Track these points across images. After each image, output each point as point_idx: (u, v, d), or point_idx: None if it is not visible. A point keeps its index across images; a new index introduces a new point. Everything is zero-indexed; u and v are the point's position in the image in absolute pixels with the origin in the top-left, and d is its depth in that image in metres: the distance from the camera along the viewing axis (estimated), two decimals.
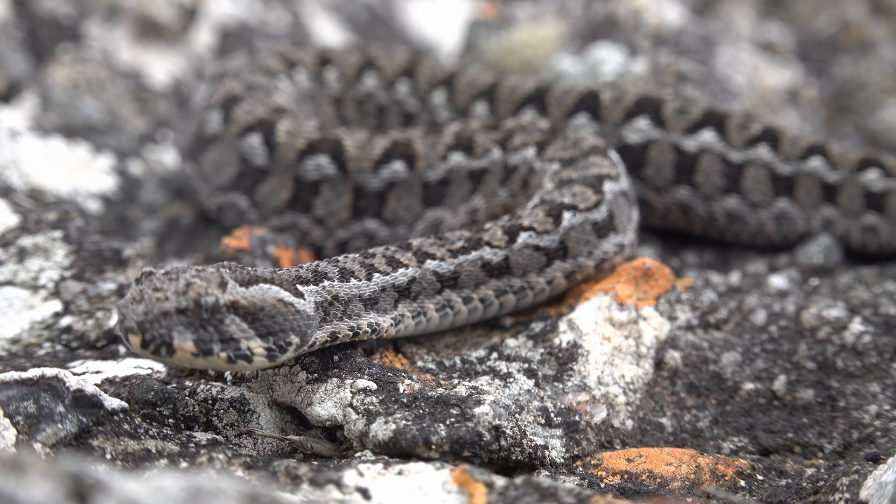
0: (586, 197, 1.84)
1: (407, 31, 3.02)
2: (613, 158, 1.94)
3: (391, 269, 1.71)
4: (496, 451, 1.64)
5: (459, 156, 2.00)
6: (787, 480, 1.68)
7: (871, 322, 1.85)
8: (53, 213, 2.02)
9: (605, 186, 1.86)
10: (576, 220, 1.82)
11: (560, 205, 1.82)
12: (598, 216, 1.84)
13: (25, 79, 2.37)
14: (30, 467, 1.18)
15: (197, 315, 1.53)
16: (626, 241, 1.89)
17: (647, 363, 1.80)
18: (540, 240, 1.80)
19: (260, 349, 1.56)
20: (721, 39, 2.50)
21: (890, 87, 2.62)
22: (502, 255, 1.78)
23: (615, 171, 1.91)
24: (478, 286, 1.77)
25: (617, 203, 1.88)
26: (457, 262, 1.75)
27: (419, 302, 1.73)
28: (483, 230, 1.79)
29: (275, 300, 1.57)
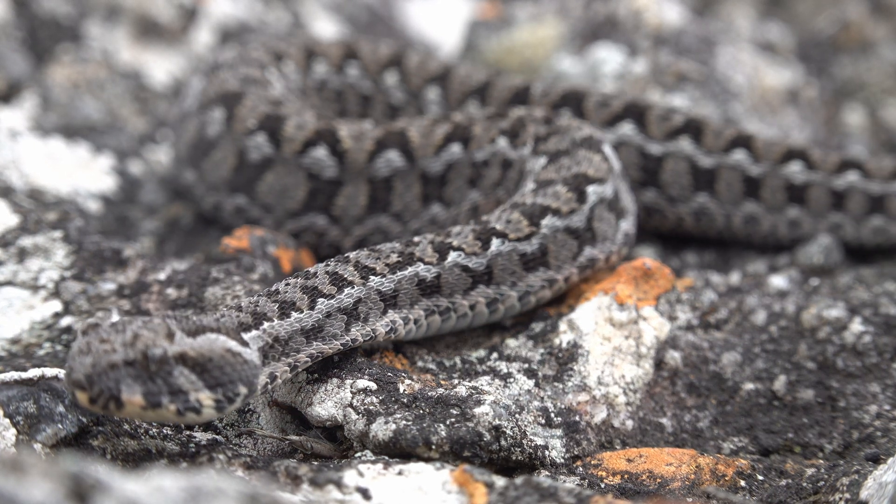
0: (520, 228, 1.78)
1: (407, 31, 3.01)
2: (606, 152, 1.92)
3: (336, 290, 1.67)
4: (496, 451, 1.64)
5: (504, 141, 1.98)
6: (787, 480, 1.68)
7: (871, 322, 1.85)
8: (53, 213, 2.02)
9: (543, 221, 1.80)
10: (504, 248, 1.78)
11: (491, 230, 1.78)
12: (528, 248, 1.79)
13: (25, 79, 2.37)
14: (30, 467, 1.18)
15: (145, 367, 1.49)
16: (559, 277, 1.82)
17: (648, 363, 1.80)
18: (469, 260, 1.76)
19: (209, 401, 1.52)
20: (721, 39, 2.50)
21: (890, 87, 2.62)
22: (435, 272, 1.75)
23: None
24: (414, 305, 1.74)
25: (554, 237, 1.81)
26: (395, 278, 1.72)
27: (370, 324, 1.70)
28: (413, 243, 1.75)
29: (223, 350, 1.53)
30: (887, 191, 2.13)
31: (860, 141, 2.55)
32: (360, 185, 2.02)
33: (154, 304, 1.86)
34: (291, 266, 1.98)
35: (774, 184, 2.11)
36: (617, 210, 1.89)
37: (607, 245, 1.86)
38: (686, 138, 2.10)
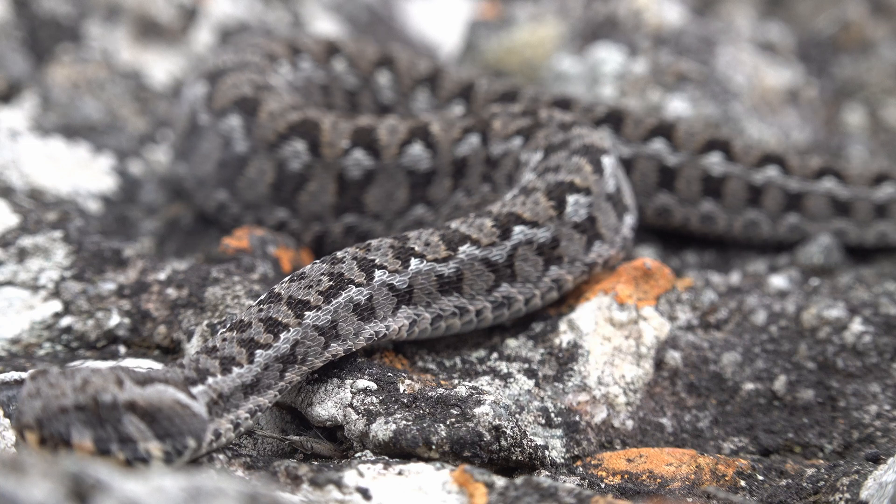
0: (437, 251, 1.73)
1: (407, 31, 3.01)
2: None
3: (272, 337, 1.62)
4: (496, 451, 1.64)
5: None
6: (787, 480, 1.68)
7: (871, 322, 1.85)
8: (53, 213, 2.02)
9: (460, 247, 1.74)
10: (423, 267, 1.72)
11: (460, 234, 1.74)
12: (446, 270, 1.73)
13: (25, 79, 2.37)
14: (30, 467, 1.18)
15: (95, 412, 1.45)
16: (471, 307, 1.76)
17: (648, 363, 1.80)
18: (392, 279, 1.71)
19: (158, 452, 1.48)
20: (721, 39, 2.50)
21: (890, 87, 2.62)
22: (367, 293, 1.69)
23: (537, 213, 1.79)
24: (357, 334, 1.69)
25: (472, 265, 1.75)
26: (332, 308, 1.66)
27: (307, 364, 1.65)
28: (339, 261, 1.69)
29: (172, 401, 1.50)
30: (806, 189, 2.12)
31: (860, 141, 2.55)
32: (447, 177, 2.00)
33: (154, 304, 1.86)
34: (291, 266, 1.98)
35: (691, 174, 2.09)
36: (590, 233, 1.83)
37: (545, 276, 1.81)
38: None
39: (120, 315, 1.86)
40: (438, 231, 1.75)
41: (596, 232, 1.83)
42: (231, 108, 2.05)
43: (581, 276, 1.82)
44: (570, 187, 1.80)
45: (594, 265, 1.83)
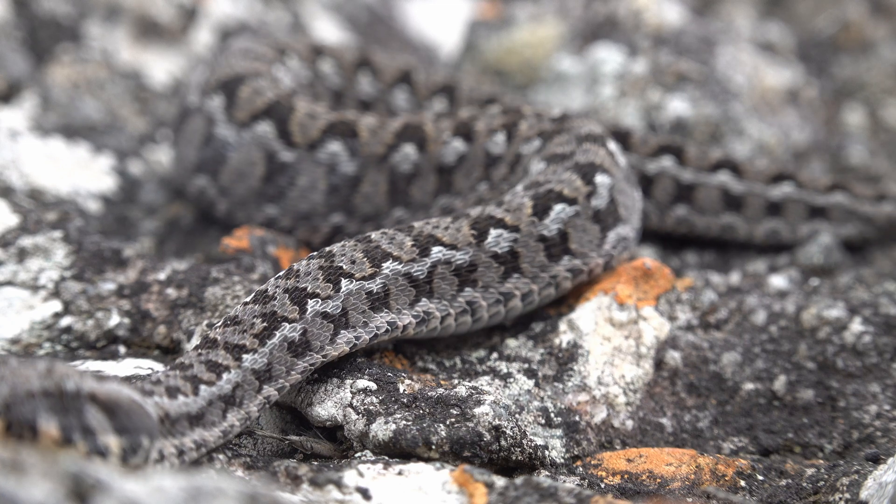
0: (363, 267, 1.70)
1: (407, 31, 3.01)
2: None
3: (215, 376, 1.60)
4: (496, 451, 1.64)
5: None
6: (787, 480, 1.68)
7: (871, 322, 1.85)
8: (53, 213, 2.02)
9: (384, 264, 1.71)
10: (353, 287, 1.69)
11: (338, 269, 1.70)
12: (373, 287, 1.70)
13: (25, 79, 2.37)
14: (30, 467, 1.18)
15: (60, 399, 1.44)
16: (400, 322, 1.73)
17: (648, 363, 1.80)
18: (325, 306, 1.67)
19: (116, 447, 1.46)
20: (721, 39, 2.50)
21: (890, 87, 2.62)
22: (301, 328, 1.65)
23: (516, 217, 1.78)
24: (289, 372, 1.65)
25: (396, 280, 1.72)
26: (266, 350, 1.63)
27: (244, 407, 1.63)
28: (269, 296, 1.66)
29: (129, 398, 1.49)
30: (699, 181, 2.12)
31: (860, 141, 2.55)
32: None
33: (154, 304, 1.86)
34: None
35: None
36: (507, 268, 1.79)
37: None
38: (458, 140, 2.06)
39: (120, 315, 1.86)
40: (361, 244, 1.71)
41: (566, 247, 1.81)
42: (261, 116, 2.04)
43: (546, 289, 1.81)
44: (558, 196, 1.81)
45: (562, 278, 1.81)
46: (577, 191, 1.82)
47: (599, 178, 1.84)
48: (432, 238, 1.74)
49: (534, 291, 1.80)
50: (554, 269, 1.80)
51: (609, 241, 1.85)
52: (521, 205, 1.78)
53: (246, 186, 2.03)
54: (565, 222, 1.80)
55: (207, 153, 2.06)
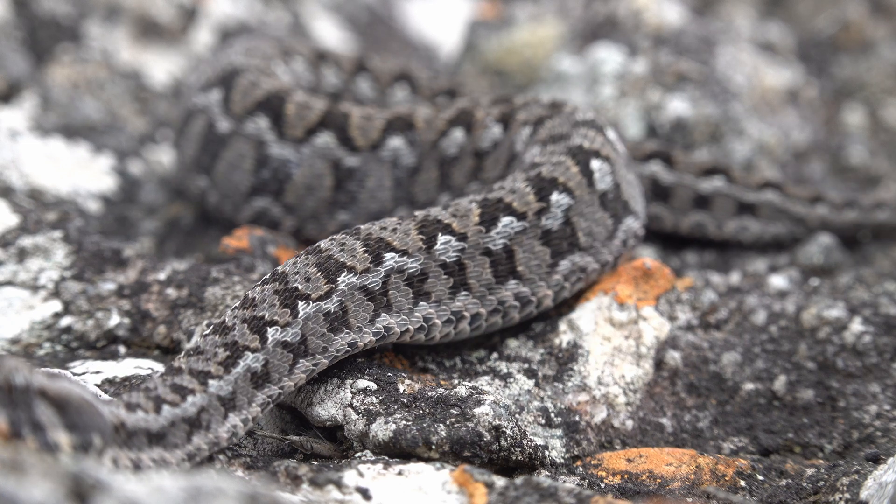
0: (318, 286, 1.65)
1: (407, 31, 3.02)
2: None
3: (180, 398, 1.57)
4: (496, 451, 1.64)
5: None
6: (787, 480, 1.68)
7: (871, 322, 1.85)
8: (53, 213, 2.02)
9: (339, 278, 1.66)
10: (310, 310, 1.65)
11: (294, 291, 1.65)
12: (330, 307, 1.66)
13: (25, 79, 2.37)
14: (30, 467, 1.18)
15: (9, 393, 1.42)
16: (360, 342, 1.68)
17: (648, 363, 1.80)
18: (283, 335, 1.63)
19: (66, 443, 1.44)
20: (721, 39, 2.50)
21: (890, 87, 2.62)
22: (263, 359, 1.61)
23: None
24: (251, 402, 1.61)
25: (352, 296, 1.67)
26: (231, 378, 1.60)
27: (213, 432, 1.60)
28: (229, 328, 1.62)
29: (79, 397, 1.46)
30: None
31: (860, 141, 2.55)
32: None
33: (154, 304, 1.86)
34: None
35: (500, 156, 2.08)
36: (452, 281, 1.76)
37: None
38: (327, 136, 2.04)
39: (120, 315, 1.86)
40: (312, 257, 1.67)
41: (512, 267, 1.77)
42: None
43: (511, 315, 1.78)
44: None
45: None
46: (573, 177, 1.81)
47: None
48: (383, 242, 1.70)
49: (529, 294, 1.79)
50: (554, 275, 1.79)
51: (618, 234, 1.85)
52: (524, 192, 1.76)
53: (316, 199, 2.03)
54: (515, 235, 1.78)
55: (264, 175, 2.04)
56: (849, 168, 2.48)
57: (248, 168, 2.05)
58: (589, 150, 1.82)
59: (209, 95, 2.08)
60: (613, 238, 1.83)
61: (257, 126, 2.04)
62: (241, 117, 2.04)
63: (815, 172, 2.43)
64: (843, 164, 2.49)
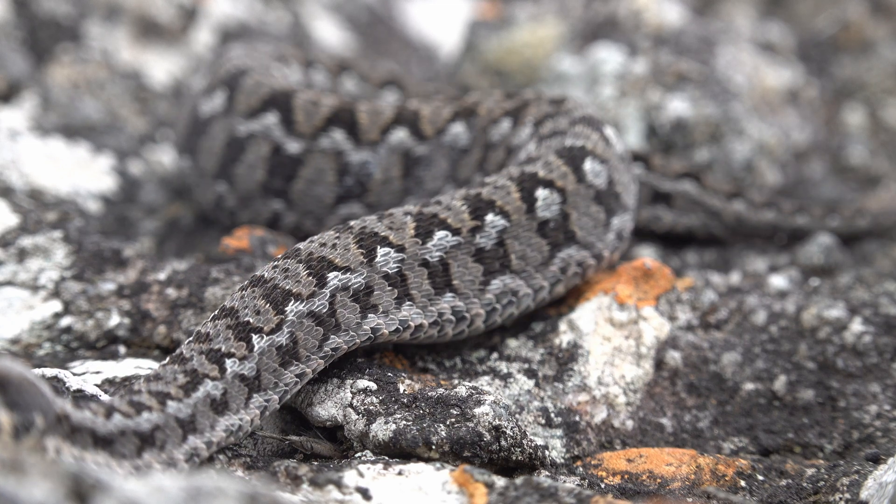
0: (269, 319, 1.63)
1: (407, 31, 3.02)
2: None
3: (134, 412, 1.54)
4: (496, 451, 1.64)
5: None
6: (787, 481, 1.68)
7: (871, 322, 1.85)
8: (53, 213, 2.02)
9: (287, 307, 1.64)
10: (264, 344, 1.61)
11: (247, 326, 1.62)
12: (282, 340, 1.63)
13: (25, 79, 2.37)
14: (30, 467, 1.18)
15: None
16: (308, 369, 1.65)
17: (648, 363, 1.80)
18: (242, 367, 1.60)
19: (7, 423, 1.40)
20: (721, 39, 2.50)
21: (890, 87, 2.62)
22: (222, 388, 1.58)
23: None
24: (213, 427, 1.59)
25: (301, 324, 1.65)
26: (191, 402, 1.57)
27: (167, 452, 1.56)
28: (185, 359, 1.59)
29: (21, 375, 1.43)
30: None
31: (860, 141, 2.55)
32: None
33: (154, 304, 1.86)
34: None
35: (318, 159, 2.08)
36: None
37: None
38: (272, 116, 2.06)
39: (120, 315, 1.86)
40: (258, 289, 1.65)
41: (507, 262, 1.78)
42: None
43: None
44: (540, 183, 1.78)
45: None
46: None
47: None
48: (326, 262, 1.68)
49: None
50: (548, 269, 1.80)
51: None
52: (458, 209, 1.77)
53: (390, 191, 2.04)
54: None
55: (348, 182, 2.04)
56: (849, 168, 2.48)
57: (331, 180, 2.05)
58: (542, 180, 1.80)
59: (262, 120, 2.07)
60: (549, 265, 1.80)
61: (332, 139, 2.05)
62: (313, 135, 2.04)
63: (816, 172, 2.43)
64: (843, 164, 2.49)
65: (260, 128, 2.07)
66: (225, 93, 2.10)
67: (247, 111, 2.07)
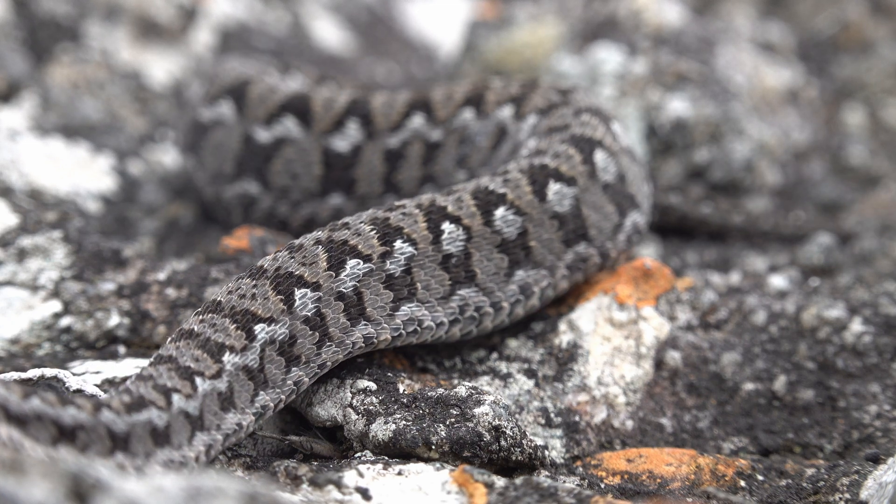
0: (208, 365, 1.57)
1: (407, 31, 3.02)
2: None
3: (59, 403, 1.48)
4: (496, 451, 1.64)
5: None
6: (787, 481, 1.68)
7: (871, 322, 1.85)
8: (53, 213, 2.02)
9: (225, 357, 1.58)
10: (206, 387, 1.56)
11: (189, 369, 1.57)
12: (222, 386, 1.57)
13: (25, 79, 2.37)
14: (30, 467, 1.18)
15: None
16: (244, 422, 1.60)
17: (647, 363, 1.80)
18: (187, 405, 1.54)
19: None
20: (721, 39, 2.50)
21: (890, 87, 2.62)
22: (166, 419, 1.52)
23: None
24: (148, 456, 1.52)
25: (237, 377, 1.59)
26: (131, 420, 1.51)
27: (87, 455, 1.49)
28: (131, 393, 1.53)
29: None
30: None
31: (860, 141, 2.55)
32: None
33: (154, 304, 1.86)
34: None
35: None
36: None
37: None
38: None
39: (120, 315, 1.86)
40: (192, 341, 1.59)
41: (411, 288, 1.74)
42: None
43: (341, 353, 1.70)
44: (499, 199, 1.76)
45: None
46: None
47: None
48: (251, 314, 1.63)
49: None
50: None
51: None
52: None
53: (481, 155, 2.04)
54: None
55: (465, 150, 2.04)
56: (849, 168, 2.48)
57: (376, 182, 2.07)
58: (398, 228, 1.75)
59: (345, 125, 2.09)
60: (450, 300, 1.75)
61: (464, 118, 2.03)
62: (449, 119, 2.03)
63: (815, 172, 2.43)
64: (843, 164, 2.49)
65: (412, 131, 2.08)
66: (297, 113, 2.10)
67: (333, 126, 2.08)
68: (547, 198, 1.79)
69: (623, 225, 1.87)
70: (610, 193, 1.85)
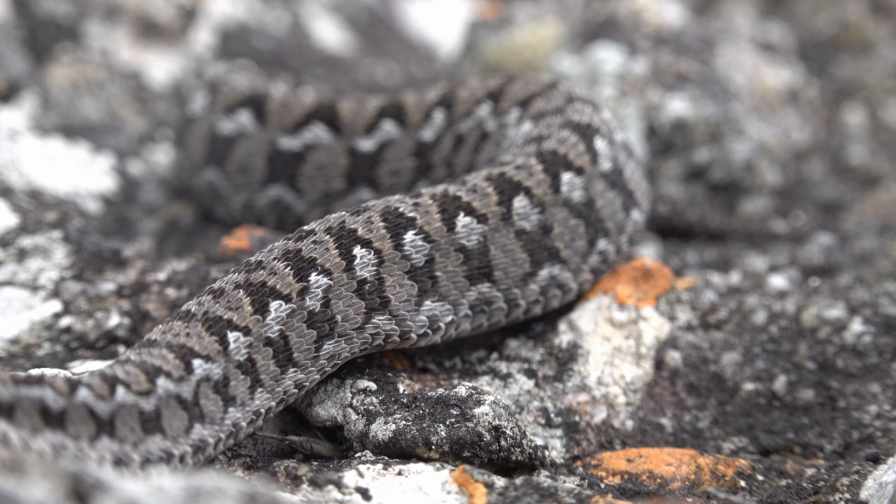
0: (139, 381, 1.52)
1: (407, 31, 3.02)
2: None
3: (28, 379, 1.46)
4: (496, 451, 1.64)
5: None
6: (787, 481, 1.68)
7: (871, 322, 1.85)
8: (53, 213, 2.02)
9: (158, 381, 1.53)
10: (127, 399, 1.51)
11: (152, 367, 1.54)
12: (146, 406, 1.52)
13: (25, 79, 2.37)
14: (30, 467, 1.18)
15: None
16: (175, 451, 1.55)
17: (648, 363, 1.80)
18: (146, 403, 1.51)
19: None
20: (721, 39, 2.50)
21: (890, 87, 2.62)
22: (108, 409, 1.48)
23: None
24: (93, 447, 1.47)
25: (167, 405, 1.54)
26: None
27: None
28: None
29: None
30: None
31: (860, 141, 2.55)
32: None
33: (154, 304, 1.86)
34: None
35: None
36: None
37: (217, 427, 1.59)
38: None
39: (120, 315, 1.86)
40: (137, 360, 1.55)
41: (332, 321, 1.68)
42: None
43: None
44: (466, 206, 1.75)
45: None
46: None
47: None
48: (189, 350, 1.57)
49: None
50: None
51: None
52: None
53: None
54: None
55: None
56: (849, 168, 2.48)
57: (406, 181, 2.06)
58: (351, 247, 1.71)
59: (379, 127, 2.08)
60: (364, 328, 1.69)
61: (480, 113, 2.02)
62: (503, 115, 2.02)
63: (815, 172, 2.43)
64: (843, 164, 2.49)
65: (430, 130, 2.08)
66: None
67: (365, 128, 2.09)
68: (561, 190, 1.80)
69: (626, 222, 1.87)
70: (615, 189, 1.86)
